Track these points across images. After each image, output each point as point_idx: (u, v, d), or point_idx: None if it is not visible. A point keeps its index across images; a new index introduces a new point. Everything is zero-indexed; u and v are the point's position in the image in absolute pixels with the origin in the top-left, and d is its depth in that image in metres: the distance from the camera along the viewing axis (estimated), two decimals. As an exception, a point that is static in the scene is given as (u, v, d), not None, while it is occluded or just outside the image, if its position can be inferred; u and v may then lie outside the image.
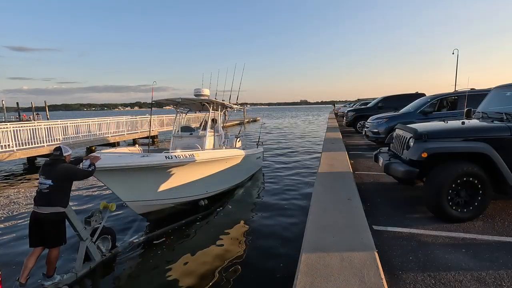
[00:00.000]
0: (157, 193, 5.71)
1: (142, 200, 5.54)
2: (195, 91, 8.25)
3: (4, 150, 11.00)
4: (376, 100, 15.04)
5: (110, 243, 4.82)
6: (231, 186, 8.00)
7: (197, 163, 6.12)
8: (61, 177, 3.79)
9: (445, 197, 3.34)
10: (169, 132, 25.89)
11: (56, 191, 3.78)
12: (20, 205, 7.57)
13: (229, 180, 7.83)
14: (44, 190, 3.74)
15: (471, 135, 3.54)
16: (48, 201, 3.74)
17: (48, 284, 3.80)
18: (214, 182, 7.06)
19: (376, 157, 4.76)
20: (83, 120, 15.19)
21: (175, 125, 8.59)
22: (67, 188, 3.96)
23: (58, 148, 3.98)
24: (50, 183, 3.73)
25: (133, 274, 4.36)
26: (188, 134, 8.17)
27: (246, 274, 4.28)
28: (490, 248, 2.83)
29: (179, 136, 8.18)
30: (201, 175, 6.48)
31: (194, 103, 8.31)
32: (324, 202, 3.89)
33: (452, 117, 7.05)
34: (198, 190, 6.57)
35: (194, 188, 6.43)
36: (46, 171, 3.81)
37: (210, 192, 7.02)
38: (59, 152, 3.94)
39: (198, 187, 6.56)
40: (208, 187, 6.91)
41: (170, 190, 5.90)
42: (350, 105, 28.68)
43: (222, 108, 9.18)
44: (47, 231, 3.77)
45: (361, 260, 2.44)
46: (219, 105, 8.73)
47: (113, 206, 4.70)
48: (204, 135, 7.89)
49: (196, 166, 6.20)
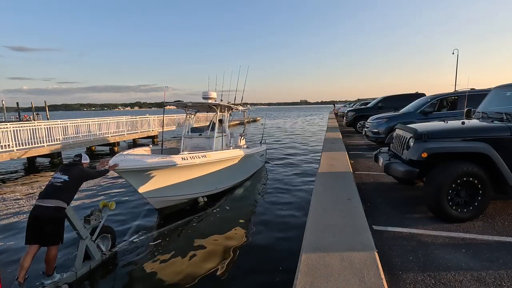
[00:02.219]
0: (173, 190, 6.29)
1: (161, 197, 6.13)
2: (203, 94, 8.90)
3: (4, 150, 11.00)
4: (376, 100, 15.03)
5: (110, 242, 4.83)
6: (237, 182, 8.59)
7: (208, 163, 6.73)
8: (77, 176, 4.13)
9: (445, 197, 3.34)
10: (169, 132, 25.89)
11: (68, 188, 4.01)
12: (20, 205, 7.56)
13: (236, 177, 8.42)
14: (58, 183, 3.95)
15: (471, 135, 3.54)
16: (58, 194, 3.88)
17: (48, 283, 3.80)
18: (223, 179, 7.65)
19: (376, 157, 4.76)
20: (83, 120, 15.18)
21: (185, 126, 9.11)
22: (77, 188, 4.21)
23: (79, 155, 4.45)
24: (66, 178, 4.01)
25: (132, 274, 4.36)
26: (197, 135, 8.72)
27: (246, 274, 4.28)
28: (490, 248, 2.83)
29: (189, 136, 8.72)
30: (211, 173, 7.06)
31: (203, 105, 8.90)
32: (324, 202, 3.88)
33: (452, 117, 7.04)
34: (208, 186, 7.20)
35: (205, 185, 7.05)
36: (64, 169, 4.15)
37: (219, 188, 7.59)
38: (78, 158, 4.40)
39: (209, 184, 7.18)
40: (218, 184, 7.51)
41: (184, 187, 6.48)
42: (350, 105, 28.67)
43: (228, 110, 9.69)
44: (46, 228, 3.77)
45: (361, 260, 2.44)
46: (225, 107, 9.22)
47: (112, 205, 4.71)
48: (212, 135, 8.33)
49: (207, 165, 6.78)
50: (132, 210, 7.01)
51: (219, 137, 8.60)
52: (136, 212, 6.85)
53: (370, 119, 9.90)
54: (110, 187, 9.16)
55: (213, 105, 8.58)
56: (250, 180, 9.42)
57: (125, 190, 8.67)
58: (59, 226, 3.88)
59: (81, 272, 4.17)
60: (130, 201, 7.66)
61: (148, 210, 6.90)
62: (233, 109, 9.95)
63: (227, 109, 9.48)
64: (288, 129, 29.85)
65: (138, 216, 6.55)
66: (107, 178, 10.10)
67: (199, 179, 6.74)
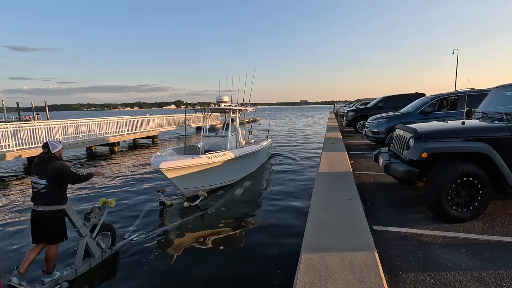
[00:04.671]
0: (201, 182, 7.60)
1: (192, 187, 7.46)
2: (217, 99, 10.65)
3: (4, 150, 11.00)
4: (376, 100, 15.03)
5: (110, 239, 4.82)
6: (249, 173, 9.95)
7: (227, 160, 8.07)
8: (54, 176, 3.70)
9: (445, 197, 3.34)
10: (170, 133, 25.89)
11: (53, 191, 3.74)
12: (20, 205, 7.56)
13: (248, 169, 9.88)
14: (41, 190, 3.70)
15: (471, 135, 3.54)
16: (46, 200, 3.73)
17: (48, 280, 3.80)
18: (238, 170, 9.13)
19: (376, 157, 4.76)
20: (83, 120, 15.18)
21: (203, 127, 10.65)
22: (64, 187, 3.91)
23: (45, 145, 3.79)
24: (45, 183, 3.68)
25: (132, 272, 4.35)
26: (214, 134, 10.28)
27: (246, 274, 4.27)
28: (490, 248, 2.83)
29: (207, 136, 10.28)
30: (229, 167, 8.39)
31: (218, 109, 10.87)
32: (324, 202, 3.88)
33: (452, 117, 7.05)
34: (227, 177, 8.57)
35: (224, 176, 8.39)
36: (39, 171, 3.73)
37: (234, 179, 8.98)
38: (46, 149, 3.79)
39: (227, 176, 8.54)
40: (234, 175, 8.91)
41: (209, 178, 7.83)
42: (350, 105, 28.67)
43: (239, 111, 11.19)
44: (47, 228, 3.78)
45: (361, 260, 2.44)
46: (236, 110, 10.75)
47: (112, 202, 4.69)
48: (227, 135, 9.81)
49: (226, 162, 8.11)
50: (132, 208, 7.01)
51: (232, 135, 10.07)
52: (136, 210, 6.86)
53: (370, 119, 9.90)
54: (110, 185, 9.17)
55: (227, 109, 10.26)
56: (250, 180, 9.51)
57: (125, 188, 8.69)
58: (59, 225, 3.87)
59: (81, 270, 4.16)
60: (130, 199, 7.67)
61: (148, 209, 6.92)
62: (243, 110, 11.33)
63: (238, 110, 10.95)
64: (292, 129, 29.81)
65: (138, 215, 6.55)
66: (107, 178, 10.10)
67: (219, 172, 8.07)
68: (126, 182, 9.61)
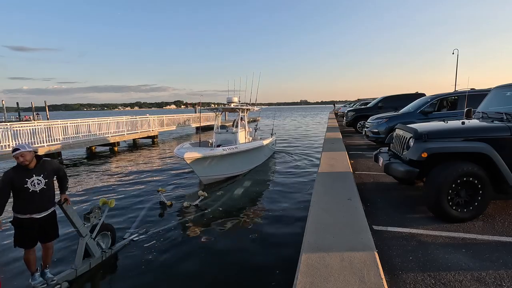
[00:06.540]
0: (217, 170, 8.88)
1: (209, 175, 8.72)
2: (227, 99, 11.96)
3: (4, 150, 11.00)
4: (376, 100, 15.02)
5: (110, 239, 4.81)
6: (256, 165, 11.15)
7: (239, 152, 9.35)
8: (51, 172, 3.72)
9: (445, 197, 3.34)
10: (169, 133, 25.87)
11: (50, 188, 3.71)
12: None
13: (255, 161, 11.07)
14: (45, 189, 3.62)
15: (471, 135, 3.54)
16: (49, 200, 3.72)
17: (49, 277, 3.81)
18: (247, 162, 10.35)
19: (376, 157, 4.76)
20: (83, 120, 15.18)
21: (215, 125, 11.72)
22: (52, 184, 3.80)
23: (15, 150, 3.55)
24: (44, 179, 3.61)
25: (132, 272, 4.35)
26: (225, 131, 11.33)
27: (246, 274, 4.27)
28: (490, 248, 2.83)
29: (219, 132, 11.35)
30: (239, 159, 9.66)
31: (228, 108, 12.19)
32: (324, 202, 3.88)
33: (452, 117, 7.05)
34: (238, 168, 9.80)
35: (236, 167, 9.63)
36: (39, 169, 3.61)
37: (244, 169, 10.22)
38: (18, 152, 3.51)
39: (238, 166, 9.78)
40: (243, 167, 10.16)
41: (223, 168, 9.10)
42: (350, 105, 28.66)
43: (247, 110, 12.55)
44: (47, 230, 3.76)
45: (361, 260, 2.44)
46: (245, 109, 12.05)
47: (112, 202, 4.68)
48: (236, 131, 11.05)
49: (238, 154, 9.38)
50: (132, 208, 7.01)
51: (241, 132, 11.43)
52: (136, 210, 6.86)
53: (370, 119, 9.90)
54: (110, 184, 9.17)
55: (237, 108, 11.60)
56: (250, 180, 9.52)
57: (125, 188, 8.69)
58: (56, 222, 3.90)
59: (81, 270, 4.16)
60: (130, 199, 7.67)
61: (148, 209, 6.92)
62: (250, 109, 12.66)
63: (246, 110, 12.28)
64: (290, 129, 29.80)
65: (138, 215, 6.55)
66: (107, 177, 10.10)
67: (232, 163, 9.30)
68: (126, 182, 9.62)
